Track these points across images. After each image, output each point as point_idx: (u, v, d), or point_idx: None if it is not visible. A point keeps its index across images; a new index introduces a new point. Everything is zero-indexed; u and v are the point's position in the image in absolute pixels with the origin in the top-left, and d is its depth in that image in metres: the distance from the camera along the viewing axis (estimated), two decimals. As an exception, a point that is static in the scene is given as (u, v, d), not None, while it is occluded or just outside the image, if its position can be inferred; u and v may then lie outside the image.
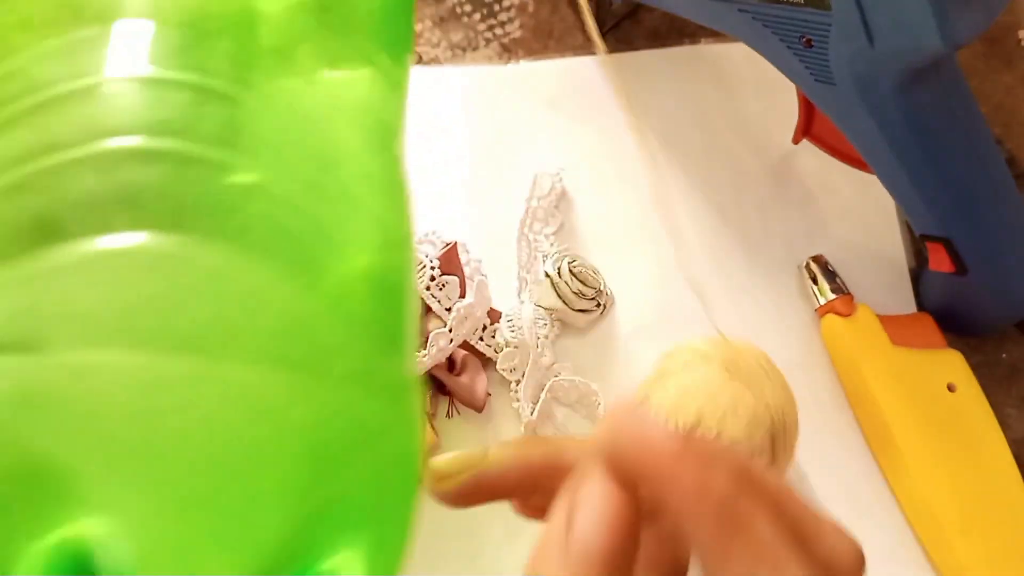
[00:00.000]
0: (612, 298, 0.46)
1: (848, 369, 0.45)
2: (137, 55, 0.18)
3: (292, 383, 0.16)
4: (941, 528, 0.41)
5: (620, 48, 0.51)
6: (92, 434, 0.15)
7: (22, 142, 0.17)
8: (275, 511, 0.16)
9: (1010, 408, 0.46)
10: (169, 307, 0.16)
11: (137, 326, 0.15)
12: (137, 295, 0.16)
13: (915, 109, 0.37)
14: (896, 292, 0.47)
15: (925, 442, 0.42)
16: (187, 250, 0.16)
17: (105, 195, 0.16)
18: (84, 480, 0.15)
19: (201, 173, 0.17)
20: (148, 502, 0.15)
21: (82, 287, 0.15)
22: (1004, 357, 0.47)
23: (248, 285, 0.16)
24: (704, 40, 0.52)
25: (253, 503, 0.16)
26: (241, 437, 0.16)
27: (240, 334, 0.16)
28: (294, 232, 0.18)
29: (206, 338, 0.16)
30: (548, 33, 0.52)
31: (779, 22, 0.38)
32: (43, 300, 0.15)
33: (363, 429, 0.17)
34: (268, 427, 0.16)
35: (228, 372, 0.16)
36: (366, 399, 0.17)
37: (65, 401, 0.15)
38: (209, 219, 0.17)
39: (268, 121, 0.19)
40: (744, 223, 0.48)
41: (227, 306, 0.16)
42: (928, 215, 0.40)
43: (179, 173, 0.17)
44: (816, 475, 0.44)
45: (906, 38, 0.33)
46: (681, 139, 0.50)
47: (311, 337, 0.17)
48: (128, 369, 0.15)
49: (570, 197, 0.48)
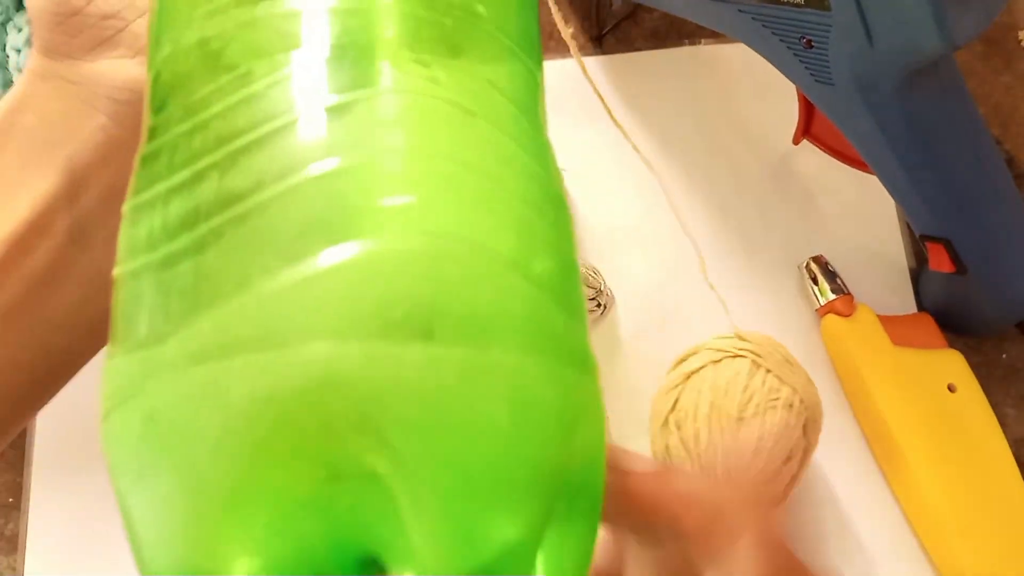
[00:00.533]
0: (612, 298, 0.46)
1: (848, 369, 0.45)
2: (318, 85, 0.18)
3: (542, 365, 0.17)
4: (941, 528, 0.41)
5: (620, 48, 0.51)
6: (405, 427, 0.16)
7: (228, 185, 0.17)
8: (541, 485, 0.17)
9: (1009, 408, 0.46)
10: (436, 302, 0.16)
11: (416, 321, 0.16)
12: (410, 291, 0.16)
13: (915, 109, 0.37)
14: (896, 292, 0.47)
15: (925, 442, 0.42)
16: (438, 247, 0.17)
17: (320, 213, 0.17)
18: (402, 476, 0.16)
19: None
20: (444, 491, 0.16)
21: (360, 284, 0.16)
22: (1004, 357, 0.47)
23: (488, 274, 0.17)
24: (704, 41, 0.52)
25: (529, 475, 0.16)
26: (514, 420, 0.16)
27: (496, 323, 0.17)
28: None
29: (471, 329, 0.16)
30: (548, 33, 0.52)
31: (779, 23, 0.38)
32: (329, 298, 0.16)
33: (587, 406, 0.18)
34: (534, 410, 0.17)
35: (496, 359, 0.16)
36: (584, 377, 0.18)
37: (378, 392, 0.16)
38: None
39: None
40: (744, 223, 0.48)
41: (482, 296, 0.17)
42: (928, 215, 0.40)
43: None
44: (816, 475, 0.44)
45: (906, 38, 0.33)
46: (681, 139, 0.50)
47: (543, 321, 0.17)
48: (415, 360, 0.16)
49: (570, 197, 0.48)
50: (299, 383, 0.16)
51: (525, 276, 0.17)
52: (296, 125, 0.18)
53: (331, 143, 0.17)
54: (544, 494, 0.17)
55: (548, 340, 0.17)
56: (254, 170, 0.17)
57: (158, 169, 0.18)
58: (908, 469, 0.42)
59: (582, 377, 0.18)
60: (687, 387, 0.39)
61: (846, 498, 0.44)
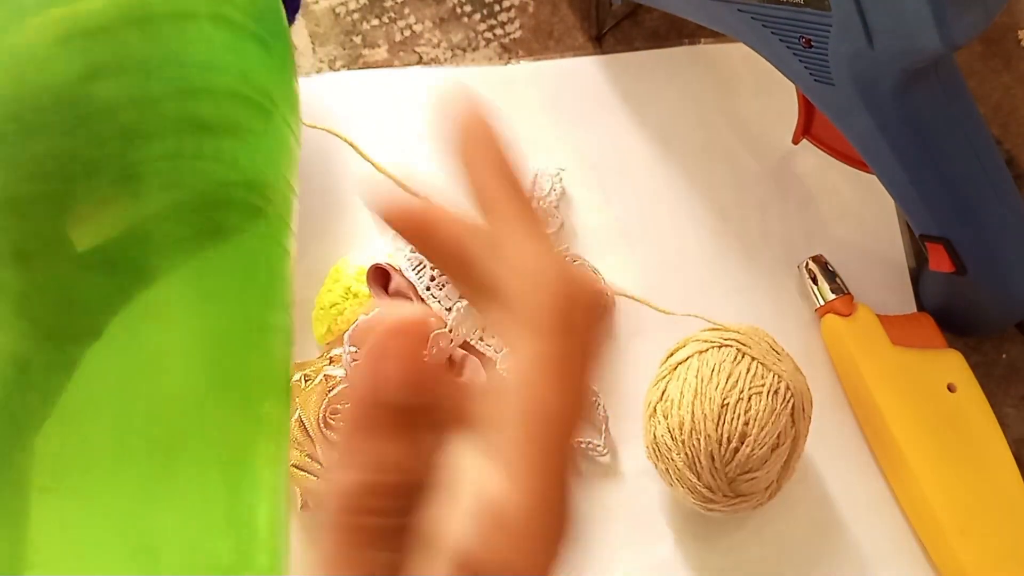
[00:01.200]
0: (612, 298, 0.46)
1: (848, 369, 0.45)
2: None
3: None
4: (941, 528, 0.41)
5: (620, 48, 0.51)
6: None
7: None
8: None
9: (1009, 408, 0.46)
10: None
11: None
12: None
13: (914, 109, 0.37)
14: (896, 292, 0.47)
15: (925, 442, 0.42)
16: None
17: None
18: None
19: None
20: None
21: None
22: (1004, 357, 0.47)
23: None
24: (704, 40, 0.52)
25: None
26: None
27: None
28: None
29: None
30: (548, 33, 0.52)
31: (779, 22, 0.38)
32: None
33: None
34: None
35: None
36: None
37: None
38: None
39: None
40: (744, 223, 0.48)
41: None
42: (928, 215, 0.40)
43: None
44: (816, 475, 0.44)
45: (905, 39, 0.33)
46: (681, 139, 0.50)
47: None
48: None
49: (570, 197, 0.48)
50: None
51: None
52: None
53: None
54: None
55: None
56: None
57: None
58: (908, 469, 0.42)
59: None
60: (673, 377, 0.39)
61: (846, 497, 0.44)
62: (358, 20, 0.51)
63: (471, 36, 0.51)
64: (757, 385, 0.38)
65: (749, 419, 0.37)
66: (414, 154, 0.46)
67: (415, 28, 0.51)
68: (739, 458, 0.37)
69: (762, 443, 0.37)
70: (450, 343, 0.42)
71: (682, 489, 0.39)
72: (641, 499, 0.43)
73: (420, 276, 0.43)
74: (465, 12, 0.52)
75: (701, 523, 0.43)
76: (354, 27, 0.51)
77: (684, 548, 0.43)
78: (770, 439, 0.37)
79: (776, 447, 0.37)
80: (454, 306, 0.42)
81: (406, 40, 0.51)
